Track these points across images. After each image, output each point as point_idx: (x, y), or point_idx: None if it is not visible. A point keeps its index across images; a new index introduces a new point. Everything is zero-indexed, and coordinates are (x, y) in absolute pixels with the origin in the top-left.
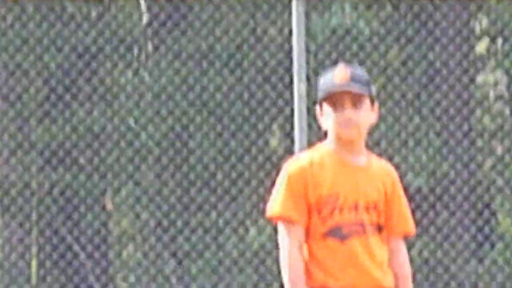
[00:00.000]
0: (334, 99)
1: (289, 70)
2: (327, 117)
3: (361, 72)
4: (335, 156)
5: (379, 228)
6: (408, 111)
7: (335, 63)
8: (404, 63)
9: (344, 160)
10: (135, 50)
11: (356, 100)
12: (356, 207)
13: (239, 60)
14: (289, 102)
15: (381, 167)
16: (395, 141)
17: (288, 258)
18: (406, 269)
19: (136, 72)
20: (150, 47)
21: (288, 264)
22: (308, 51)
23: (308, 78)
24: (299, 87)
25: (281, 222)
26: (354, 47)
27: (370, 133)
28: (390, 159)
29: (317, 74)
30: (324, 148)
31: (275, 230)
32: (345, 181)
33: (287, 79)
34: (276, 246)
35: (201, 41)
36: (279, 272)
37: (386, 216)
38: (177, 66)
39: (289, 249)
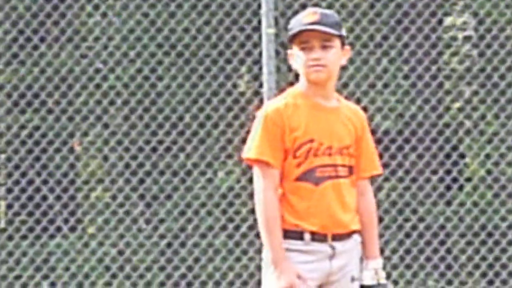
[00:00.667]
0: (303, 39)
1: (257, 13)
2: (296, 58)
3: (331, 14)
4: (307, 99)
5: (351, 171)
6: (376, 54)
7: (303, 6)
8: (371, 6)
9: (317, 103)
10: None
11: (325, 41)
12: (330, 150)
13: (207, 2)
14: (258, 44)
15: (351, 109)
16: (362, 83)
17: (263, 200)
18: (373, 210)
19: (104, 15)
20: None
21: (264, 206)
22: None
23: (276, 21)
24: (267, 30)
25: (257, 165)
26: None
27: (340, 76)
28: (358, 101)
29: (285, 17)
30: (296, 91)
31: (244, 172)
32: (319, 124)
33: (255, 22)
34: (244, 189)
35: None
36: (248, 215)
37: (357, 156)
38: (145, 9)
39: (265, 191)
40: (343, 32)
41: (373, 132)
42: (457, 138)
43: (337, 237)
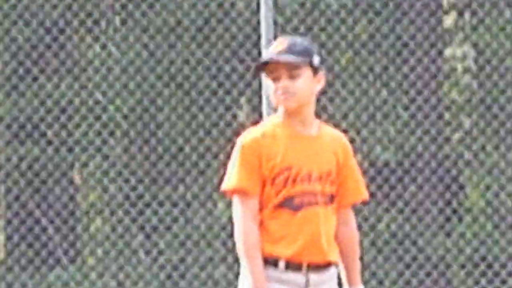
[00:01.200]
0: (271, 69)
1: (257, 44)
2: (268, 88)
3: (300, 42)
4: (286, 127)
5: (332, 198)
6: (376, 85)
7: (302, 37)
8: (371, 37)
9: (295, 131)
10: (103, 24)
11: (292, 70)
12: (309, 177)
13: (207, 34)
14: (257, 92)
15: (333, 136)
16: (363, 114)
17: (243, 229)
18: (355, 239)
19: (103, 46)
20: (117, 20)
21: (244, 235)
22: (275, 25)
23: None
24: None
25: (236, 194)
26: (322, 21)
27: (339, 107)
28: (358, 132)
29: None
30: (275, 120)
31: None
32: (298, 152)
33: (255, 53)
34: None
35: (169, 15)
36: None
37: (338, 185)
38: (144, 40)
39: (244, 221)
40: (315, 59)
41: (373, 163)
42: (456, 169)
43: (313, 267)
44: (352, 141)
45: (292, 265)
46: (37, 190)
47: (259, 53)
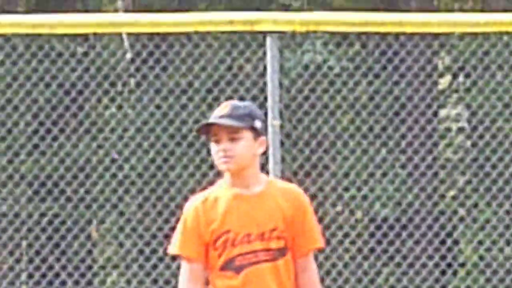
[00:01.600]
0: (214, 132)
1: (263, 105)
2: (212, 150)
3: (243, 107)
4: (229, 188)
5: (282, 251)
6: (375, 144)
7: (306, 98)
8: (371, 98)
9: (236, 193)
10: (119, 86)
11: (232, 133)
12: (248, 238)
13: (216, 95)
14: (264, 135)
15: (284, 191)
16: (363, 172)
17: None
18: (315, 284)
19: (119, 107)
20: (132, 83)
21: None
22: (281, 86)
23: (281, 113)
24: (273, 122)
25: (181, 259)
26: (325, 82)
27: (341, 166)
28: (359, 189)
29: (289, 109)
30: (222, 182)
31: None
32: (237, 214)
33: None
34: None
35: (181, 77)
36: None
37: (292, 237)
38: (158, 101)
39: (183, 282)
40: (257, 123)
41: (373, 219)
42: (451, 225)
43: None
44: (353, 198)
45: None
46: (57, 245)
47: (265, 114)
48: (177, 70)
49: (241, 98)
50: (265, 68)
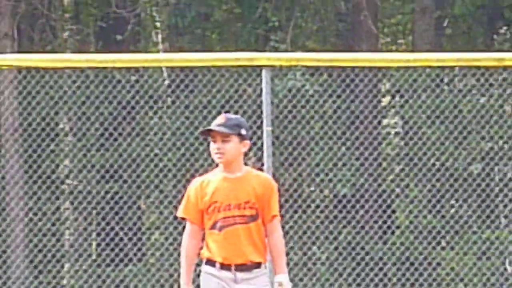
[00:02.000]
0: (212, 134)
1: (260, 116)
2: (211, 147)
3: (234, 118)
4: (219, 174)
5: (253, 217)
6: (338, 143)
7: (290, 111)
8: (335, 111)
9: (225, 176)
10: (159, 103)
11: (224, 137)
12: (229, 207)
13: (227, 109)
14: (260, 137)
15: (258, 177)
16: (329, 163)
17: (183, 243)
18: (278, 242)
19: (160, 118)
20: (169, 101)
21: (182, 246)
22: (272, 103)
23: (272, 122)
24: (266, 128)
25: (185, 220)
26: (302, 101)
27: (314, 158)
28: (326, 175)
29: (278, 119)
30: (216, 169)
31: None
32: (222, 190)
33: (258, 122)
34: None
35: (203, 97)
36: None
37: (261, 208)
38: (187, 114)
39: (185, 236)
40: (242, 131)
41: (336, 195)
42: (390, 199)
43: (239, 268)
44: (322, 180)
45: (224, 266)
46: (116, 213)
47: (261, 123)
48: (200, 92)
49: (244, 112)
50: (261, 91)
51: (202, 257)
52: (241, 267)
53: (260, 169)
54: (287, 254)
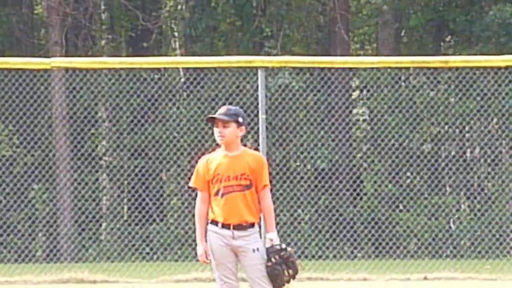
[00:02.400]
0: (216, 121)
1: (256, 107)
2: (215, 132)
3: (233, 109)
4: (221, 152)
5: (248, 187)
6: (318, 128)
7: (280, 103)
8: (315, 103)
9: (225, 153)
10: (177, 96)
11: (224, 123)
12: (228, 178)
13: (230, 102)
14: (257, 124)
15: (252, 155)
16: (311, 143)
17: (196, 207)
18: (268, 207)
19: (177, 108)
20: (185, 94)
21: (196, 210)
22: (266, 96)
23: (266, 111)
24: (261, 116)
25: (196, 189)
26: (290, 95)
27: (299, 140)
28: (308, 153)
29: (271, 109)
30: (219, 148)
31: None
32: (224, 165)
33: (255, 112)
34: None
35: (211, 91)
36: None
37: (254, 179)
38: (199, 104)
39: (198, 202)
40: (239, 119)
41: (316, 169)
42: (359, 172)
43: (236, 227)
44: (305, 157)
45: (224, 226)
46: (143, 183)
47: (257, 113)
48: (209, 88)
49: (244, 103)
50: (257, 87)
51: (208, 218)
52: (238, 226)
53: (256, 149)
54: (277, 215)
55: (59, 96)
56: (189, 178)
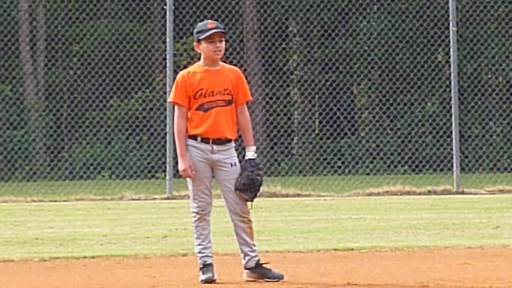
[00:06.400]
0: (211, 37)
1: (447, 19)
2: (203, 48)
3: (219, 23)
4: (202, 67)
5: (229, 102)
6: (510, 41)
7: (471, 15)
8: (507, 14)
9: (207, 69)
10: (368, 9)
11: (221, 37)
12: (212, 93)
13: (419, 16)
14: (448, 36)
15: (230, 70)
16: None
17: (176, 122)
18: (246, 121)
19: (368, 21)
20: (375, 7)
21: (176, 125)
22: (457, 8)
23: (457, 24)
24: (453, 29)
25: (174, 104)
26: (481, 6)
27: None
28: None
29: (463, 22)
30: (198, 64)
31: None
32: (207, 80)
33: (446, 25)
34: None
35: (402, 4)
36: None
37: (236, 94)
38: (389, 18)
39: (177, 118)
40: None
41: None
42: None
43: (215, 141)
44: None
45: (204, 139)
46: (334, 97)
47: (448, 24)
48: (400, 0)
49: (435, 16)
50: None
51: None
52: (218, 141)
53: (447, 62)
54: (469, 128)
55: (249, 10)
56: (380, 92)
